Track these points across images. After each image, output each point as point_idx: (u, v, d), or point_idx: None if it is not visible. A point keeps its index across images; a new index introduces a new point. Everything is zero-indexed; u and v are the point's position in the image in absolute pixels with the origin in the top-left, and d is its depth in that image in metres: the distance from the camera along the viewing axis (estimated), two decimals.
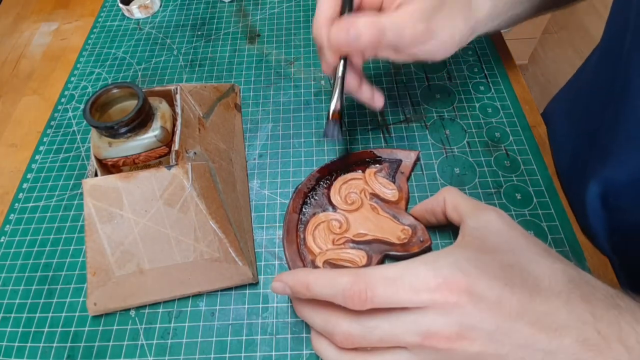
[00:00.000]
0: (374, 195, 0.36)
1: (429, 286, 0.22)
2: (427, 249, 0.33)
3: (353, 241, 0.34)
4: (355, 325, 0.23)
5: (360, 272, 0.23)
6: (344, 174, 0.37)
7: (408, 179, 0.37)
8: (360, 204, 0.35)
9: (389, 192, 0.36)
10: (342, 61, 0.32)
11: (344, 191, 0.36)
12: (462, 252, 0.24)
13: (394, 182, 0.37)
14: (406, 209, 0.35)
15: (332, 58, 0.32)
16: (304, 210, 0.35)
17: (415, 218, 0.34)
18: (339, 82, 0.33)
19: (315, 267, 0.32)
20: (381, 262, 0.33)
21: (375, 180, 0.37)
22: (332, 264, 0.33)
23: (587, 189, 0.34)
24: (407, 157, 0.38)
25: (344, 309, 0.23)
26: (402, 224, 0.34)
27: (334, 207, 0.35)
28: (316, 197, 0.36)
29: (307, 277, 0.24)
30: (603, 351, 0.20)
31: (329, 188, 0.36)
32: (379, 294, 0.22)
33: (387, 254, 0.33)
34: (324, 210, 0.35)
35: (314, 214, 0.35)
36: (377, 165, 0.38)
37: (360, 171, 0.37)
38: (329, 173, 0.37)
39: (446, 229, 0.34)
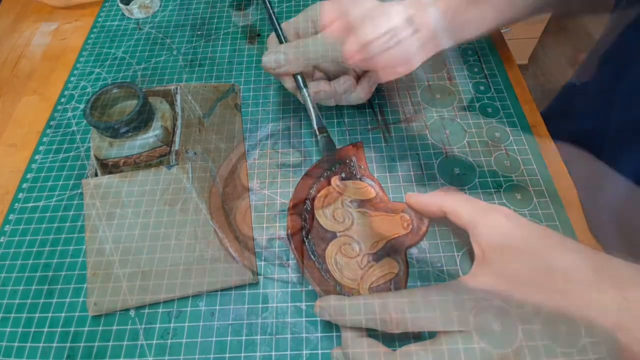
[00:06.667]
0: (354, 201, 0.34)
1: (467, 308, 0.23)
2: (429, 224, 0.33)
3: (371, 254, 0.32)
4: None
5: (386, 296, 0.25)
6: (316, 194, 0.35)
7: (367, 168, 0.36)
8: (350, 217, 0.34)
9: (363, 189, 0.35)
10: (301, 83, 0.37)
11: (329, 212, 0.34)
12: (486, 267, 0.25)
13: (360, 179, 0.35)
14: (387, 198, 0.35)
15: (286, 80, 0.38)
16: (316, 255, 0.32)
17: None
18: (308, 102, 0.37)
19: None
20: (405, 258, 0.32)
21: (344, 185, 0.35)
22: (376, 287, 0.31)
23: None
24: (355, 151, 0.37)
25: None
26: (397, 213, 0.33)
27: (333, 233, 0.33)
28: (312, 236, 0.33)
29: (342, 306, 0.27)
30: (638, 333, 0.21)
31: (312, 218, 0.34)
32: (408, 319, 0.24)
33: (407, 247, 0.32)
34: (328, 242, 0.33)
35: (324, 249, 0.32)
36: (333, 169, 0.36)
37: (326, 185, 0.35)
38: (303, 206, 0.34)
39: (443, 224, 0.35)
